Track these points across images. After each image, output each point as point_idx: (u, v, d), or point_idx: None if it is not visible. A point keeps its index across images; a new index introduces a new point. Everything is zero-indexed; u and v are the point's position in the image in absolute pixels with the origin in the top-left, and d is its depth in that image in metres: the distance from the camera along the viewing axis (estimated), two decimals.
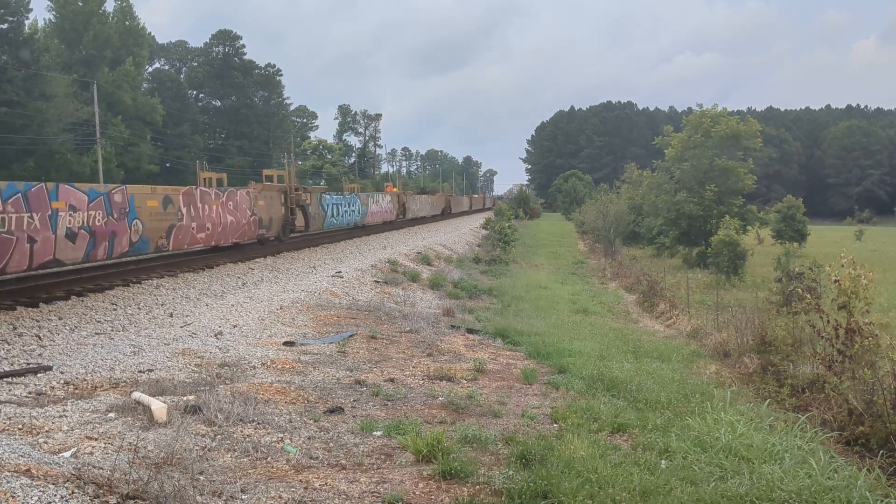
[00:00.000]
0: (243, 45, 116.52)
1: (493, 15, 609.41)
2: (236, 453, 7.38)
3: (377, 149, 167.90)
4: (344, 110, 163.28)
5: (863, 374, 11.08)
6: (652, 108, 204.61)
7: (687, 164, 45.94)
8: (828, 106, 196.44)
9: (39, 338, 12.03)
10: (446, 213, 74.18)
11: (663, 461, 8.01)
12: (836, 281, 12.46)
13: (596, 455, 7.90)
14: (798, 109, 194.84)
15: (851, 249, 28.04)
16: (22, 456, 6.31)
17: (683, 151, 46.26)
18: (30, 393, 8.89)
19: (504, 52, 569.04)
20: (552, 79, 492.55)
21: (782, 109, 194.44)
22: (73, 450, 6.85)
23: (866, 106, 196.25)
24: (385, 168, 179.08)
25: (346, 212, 37.08)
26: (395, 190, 54.49)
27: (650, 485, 7.12)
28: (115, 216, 17.18)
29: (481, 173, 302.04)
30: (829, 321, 12.51)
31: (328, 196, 34.72)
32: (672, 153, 47.05)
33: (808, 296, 14.19)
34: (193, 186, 22.34)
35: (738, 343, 16.38)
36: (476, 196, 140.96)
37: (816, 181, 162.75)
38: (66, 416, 7.89)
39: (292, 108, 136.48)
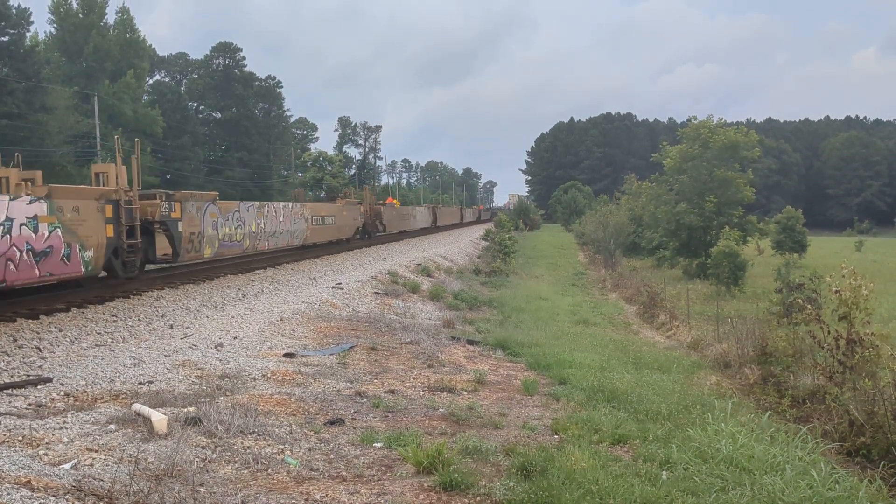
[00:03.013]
0: (243, 58, 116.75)
1: (495, 27, 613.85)
2: (237, 465, 7.37)
3: (377, 160, 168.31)
4: (344, 122, 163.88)
5: (864, 384, 11.07)
6: (651, 120, 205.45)
7: (686, 176, 45.98)
8: (827, 117, 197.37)
9: (40, 350, 12.02)
10: (372, 235, 45.67)
11: (664, 472, 7.99)
12: (836, 291, 12.46)
13: (597, 466, 7.89)
14: (797, 121, 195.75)
15: (851, 260, 28.07)
16: (22, 468, 6.30)
17: (682, 163, 46.30)
18: (30, 405, 8.88)
19: (506, 63, 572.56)
20: (553, 90, 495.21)
21: (781, 121, 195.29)
22: (74, 462, 6.84)
23: (865, 117, 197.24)
24: (385, 180, 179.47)
25: None
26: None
27: (651, 496, 7.10)
28: None
29: (481, 184, 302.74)
30: (829, 332, 12.51)
31: None
32: (671, 164, 47.11)
33: (809, 306, 14.17)
34: None
35: (738, 354, 16.35)
36: (449, 207, 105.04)
37: (816, 192, 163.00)
38: (67, 428, 7.88)
39: (292, 119, 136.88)
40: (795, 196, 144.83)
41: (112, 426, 8.08)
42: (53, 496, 5.70)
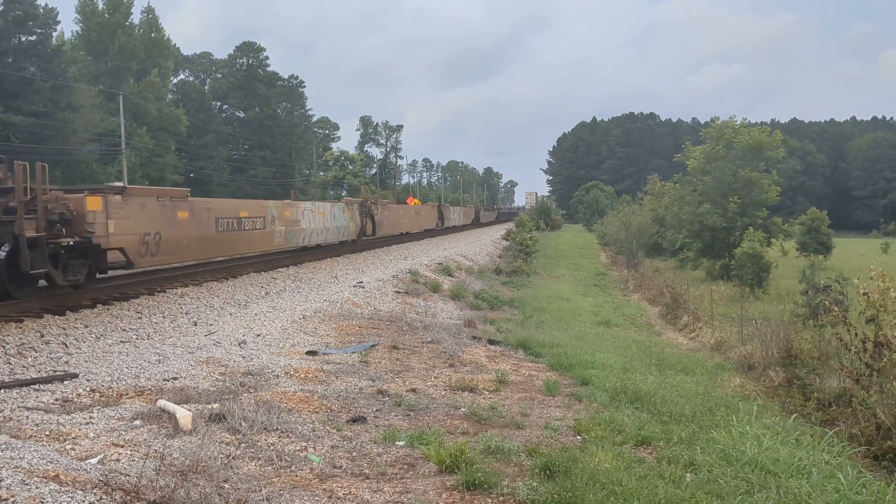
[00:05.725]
0: (267, 57, 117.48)
1: (521, 27, 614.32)
2: (260, 462, 7.41)
3: (398, 160, 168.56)
4: (365, 121, 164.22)
5: (891, 388, 10.93)
6: (675, 120, 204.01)
7: (710, 177, 45.69)
8: (853, 117, 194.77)
9: (66, 345, 12.15)
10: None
11: (689, 474, 7.93)
12: (864, 294, 12.31)
13: (620, 468, 7.83)
14: (823, 121, 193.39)
15: (878, 262, 27.70)
16: (50, 462, 6.37)
17: (706, 163, 46.03)
18: (56, 400, 8.97)
19: (530, 63, 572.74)
20: (577, 90, 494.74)
21: (806, 121, 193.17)
22: (100, 456, 6.90)
23: (892, 118, 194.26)
24: (406, 179, 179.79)
25: None
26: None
27: (676, 498, 7.04)
28: None
29: (502, 184, 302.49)
30: (856, 334, 12.35)
31: None
32: (694, 164, 46.83)
33: (836, 308, 14.00)
34: None
35: (762, 356, 16.21)
36: (409, 207, 56.94)
37: (841, 193, 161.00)
38: (93, 423, 7.95)
39: (315, 119, 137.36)
40: (820, 197, 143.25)
41: (137, 422, 8.14)
42: (81, 490, 5.76)
